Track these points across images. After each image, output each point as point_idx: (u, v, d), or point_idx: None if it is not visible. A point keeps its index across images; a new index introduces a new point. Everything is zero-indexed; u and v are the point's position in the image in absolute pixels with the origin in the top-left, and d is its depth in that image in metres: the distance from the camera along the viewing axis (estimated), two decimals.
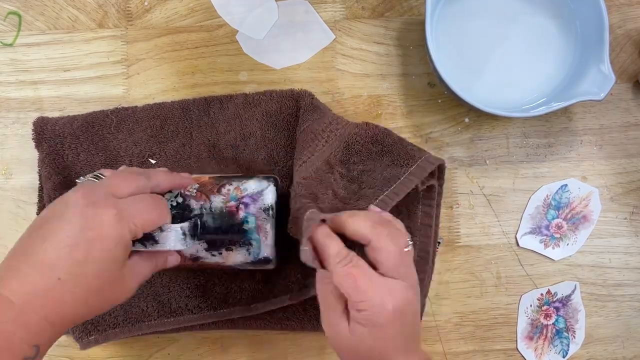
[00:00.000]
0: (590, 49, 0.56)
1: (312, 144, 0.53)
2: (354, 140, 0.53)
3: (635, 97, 0.60)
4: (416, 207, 0.55)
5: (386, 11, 0.60)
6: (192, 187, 0.48)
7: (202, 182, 0.49)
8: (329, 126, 0.54)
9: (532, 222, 0.58)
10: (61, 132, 0.55)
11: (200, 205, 0.48)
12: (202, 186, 0.49)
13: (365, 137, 0.53)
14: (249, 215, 0.48)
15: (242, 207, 0.48)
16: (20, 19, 0.60)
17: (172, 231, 0.43)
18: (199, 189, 0.48)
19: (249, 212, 0.48)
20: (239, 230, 0.48)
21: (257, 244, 0.48)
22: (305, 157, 0.53)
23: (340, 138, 0.53)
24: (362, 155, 0.53)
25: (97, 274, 0.39)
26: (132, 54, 0.60)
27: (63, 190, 0.54)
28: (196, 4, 0.60)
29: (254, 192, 0.48)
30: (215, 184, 0.49)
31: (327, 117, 0.55)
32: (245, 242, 0.48)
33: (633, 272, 0.58)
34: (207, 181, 0.49)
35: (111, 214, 0.39)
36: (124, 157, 0.56)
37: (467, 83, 0.57)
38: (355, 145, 0.53)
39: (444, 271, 0.58)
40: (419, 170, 0.51)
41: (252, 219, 0.48)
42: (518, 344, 0.58)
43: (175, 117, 0.56)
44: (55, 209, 0.40)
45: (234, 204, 0.48)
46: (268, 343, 0.57)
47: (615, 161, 0.59)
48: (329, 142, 0.53)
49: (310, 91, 0.56)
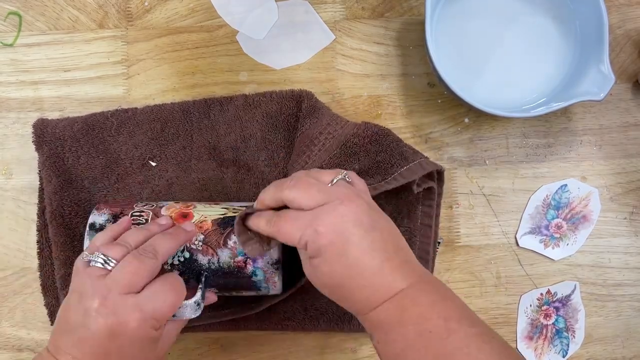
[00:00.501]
0: (590, 49, 0.56)
1: (307, 150, 0.53)
2: (352, 142, 0.53)
3: (634, 98, 0.60)
4: (416, 208, 0.55)
5: (386, 11, 0.60)
6: (197, 238, 0.47)
7: (206, 231, 0.48)
8: (327, 128, 0.54)
9: (532, 222, 0.58)
10: (61, 134, 0.55)
11: (207, 259, 0.48)
12: (207, 237, 0.48)
13: (364, 137, 0.53)
14: (257, 269, 0.48)
15: (250, 262, 0.48)
16: (21, 19, 0.60)
17: (188, 306, 0.45)
18: (204, 242, 0.47)
19: (257, 267, 0.48)
20: (248, 282, 0.49)
21: (265, 290, 0.50)
22: (299, 165, 0.53)
23: (338, 140, 0.53)
24: (360, 155, 0.53)
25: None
26: (133, 54, 0.60)
27: (64, 193, 0.54)
28: (196, 4, 0.60)
29: None
30: (220, 233, 0.48)
31: (325, 119, 0.55)
32: (254, 288, 0.49)
33: (633, 272, 0.58)
34: (210, 229, 0.48)
35: (135, 320, 0.40)
36: (124, 160, 0.56)
37: (467, 83, 0.57)
38: (353, 147, 0.53)
39: (444, 271, 0.58)
40: (408, 173, 0.51)
41: (260, 272, 0.48)
42: (518, 343, 0.58)
43: (176, 119, 0.56)
44: (76, 313, 0.41)
45: (242, 259, 0.48)
46: (268, 343, 0.57)
47: (615, 161, 0.59)
48: (326, 147, 0.53)
49: (310, 91, 0.56)
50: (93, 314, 0.40)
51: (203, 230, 0.48)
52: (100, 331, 0.40)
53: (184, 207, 0.50)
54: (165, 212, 0.49)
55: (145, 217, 0.48)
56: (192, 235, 0.47)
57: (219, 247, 0.47)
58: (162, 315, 0.42)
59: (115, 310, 0.40)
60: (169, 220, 0.48)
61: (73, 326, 0.40)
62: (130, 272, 0.41)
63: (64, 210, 0.54)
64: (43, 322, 0.57)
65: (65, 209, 0.54)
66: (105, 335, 0.40)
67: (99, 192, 0.55)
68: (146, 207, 0.49)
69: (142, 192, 0.56)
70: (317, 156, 0.53)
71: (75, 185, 0.55)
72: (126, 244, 0.43)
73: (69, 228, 0.54)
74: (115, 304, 0.40)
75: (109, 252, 0.42)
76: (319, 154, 0.53)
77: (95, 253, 0.42)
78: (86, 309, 0.40)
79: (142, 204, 0.50)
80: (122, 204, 0.51)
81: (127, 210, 0.49)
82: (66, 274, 0.53)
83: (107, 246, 0.43)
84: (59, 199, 0.54)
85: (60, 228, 0.54)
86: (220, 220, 0.48)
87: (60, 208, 0.54)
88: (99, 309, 0.40)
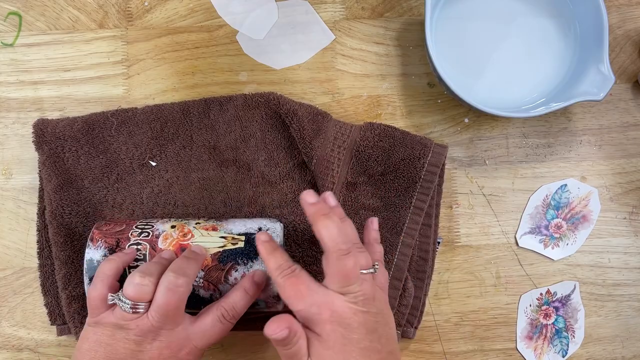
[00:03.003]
0: (589, 49, 0.56)
1: (328, 172, 0.54)
2: (364, 145, 0.54)
3: (634, 98, 0.60)
4: None
5: (386, 11, 0.60)
6: (198, 275, 0.47)
7: (206, 267, 0.47)
8: (335, 142, 0.55)
9: (532, 222, 0.58)
10: (61, 134, 0.55)
11: (210, 294, 0.48)
12: (207, 274, 0.47)
13: (372, 138, 0.55)
14: (259, 300, 0.49)
15: None
16: (21, 19, 0.60)
17: None
18: (205, 278, 0.47)
19: (258, 299, 0.49)
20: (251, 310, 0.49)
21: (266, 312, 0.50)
22: (328, 189, 0.54)
23: (350, 150, 0.55)
24: (377, 157, 0.54)
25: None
26: (133, 54, 0.60)
27: (64, 193, 0.54)
28: (196, 4, 0.60)
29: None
30: (221, 269, 0.48)
31: (330, 133, 0.55)
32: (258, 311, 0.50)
33: (632, 272, 0.58)
34: (210, 266, 0.48)
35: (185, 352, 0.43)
36: (124, 160, 0.56)
37: (467, 83, 0.57)
38: (367, 150, 0.54)
39: (444, 271, 0.58)
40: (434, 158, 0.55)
41: (263, 302, 0.49)
42: (517, 343, 0.58)
43: (176, 119, 0.56)
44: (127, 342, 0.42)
45: None
46: (268, 343, 0.57)
47: (615, 161, 0.59)
48: (342, 160, 0.55)
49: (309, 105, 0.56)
50: (147, 346, 0.41)
51: (203, 267, 0.48)
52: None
53: (181, 236, 0.49)
54: (163, 245, 0.48)
55: (143, 252, 0.48)
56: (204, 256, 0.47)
57: (220, 283, 0.48)
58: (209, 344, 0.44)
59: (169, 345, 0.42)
60: (172, 255, 0.48)
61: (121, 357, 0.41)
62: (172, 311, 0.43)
63: (64, 210, 0.54)
64: (43, 322, 0.57)
65: (65, 209, 0.54)
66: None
67: (99, 191, 0.55)
68: (142, 238, 0.49)
69: (142, 192, 0.56)
70: (339, 175, 0.54)
71: (75, 185, 0.55)
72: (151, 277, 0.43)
73: (69, 228, 0.54)
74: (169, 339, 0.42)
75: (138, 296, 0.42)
76: (339, 170, 0.55)
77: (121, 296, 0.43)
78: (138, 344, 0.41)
79: (137, 232, 0.49)
80: (117, 230, 0.50)
81: (123, 242, 0.48)
82: (67, 274, 0.53)
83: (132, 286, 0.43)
84: (59, 198, 0.54)
85: (60, 228, 0.54)
86: (220, 254, 0.48)
87: (60, 208, 0.54)
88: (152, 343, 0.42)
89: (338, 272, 0.41)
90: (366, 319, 0.41)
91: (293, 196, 0.55)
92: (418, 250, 0.55)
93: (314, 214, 0.43)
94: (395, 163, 0.54)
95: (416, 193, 0.54)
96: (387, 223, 0.54)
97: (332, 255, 0.41)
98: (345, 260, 0.41)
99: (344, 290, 0.41)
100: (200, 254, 0.47)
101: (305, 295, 0.41)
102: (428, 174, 0.54)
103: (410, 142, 0.55)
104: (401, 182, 0.54)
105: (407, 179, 0.54)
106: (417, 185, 0.54)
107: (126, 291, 0.43)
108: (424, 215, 0.55)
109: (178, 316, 0.43)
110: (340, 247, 0.41)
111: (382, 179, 0.54)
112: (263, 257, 0.45)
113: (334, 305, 0.41)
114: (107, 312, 0.43)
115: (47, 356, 0.57)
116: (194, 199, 0.56)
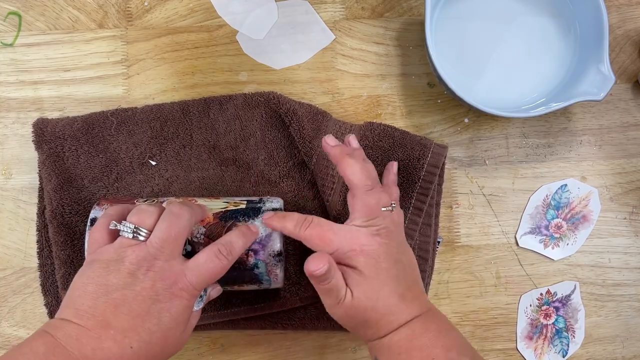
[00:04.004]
0: (589, 49, 0.56)
1: (328, 171, 0.54)
2: (364, 145, 0.54)
3: (634, 98, 0.60)
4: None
5: (386, 11, 0.60)
6: (198, 231, 0.47)
7: (208, 224, 0.48)
8: None
9: (532, 222, 0.58)
10: (61, 134, 0.55)
11: None
12: (208, 230, 0.48)
13: (372, 137, 0.54)
14: (259, 261, 0.48)
15: (252, 254, 0.48)
16: (21, 19, 0.60)
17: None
18: (206, 235, 0.48)
19: (258, 259, 0.48)
20: (250, 275, 0.49)
21: (267, 282, 0.50)
22: (328, 188, 0.54)
23: None
24: (377, 157, 0.54)
25: (165, 339, 0.41)
26: (132, 54, 0.60)
27: (64, 192, 0.54)
28: (196, 4, 0.60)
29: (262, 237, 0.48)
30: (222, 226, 0.48)
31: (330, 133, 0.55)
32: (256, 281, 0.49)
33: (633, 272, 0.58)
34: (212, 222, 0.48)
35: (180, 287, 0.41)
36: (124, 159, 0.56)
37: (467, 83, 0.57)
38: (366, 150, 0.54)
39: (444, 271, 0.58)
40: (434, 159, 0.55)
41: (262, 264, 0.49)
42: (518, 343, 0.58)
43: (176, 118, 0.56)
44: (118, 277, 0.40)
45: (244, 252, 0.48)
46: (268, 343, 0.57)
47: (615, 161, 0.59)
48: None
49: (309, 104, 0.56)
50: (140, 276, 0.40)
51: (205, 224, 0.48)
52: (145, 291, 0.40)
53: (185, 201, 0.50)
54: None
55: None
56: (205, 210, 0.47)
57: None
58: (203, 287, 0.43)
59: (163, 276, 0.41)
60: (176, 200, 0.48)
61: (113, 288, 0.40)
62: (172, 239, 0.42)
63: (64, 209, 0.54)
64: (43, 322, 0.57)
65: (65, 208, 0.54)
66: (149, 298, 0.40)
67: (99, 191, 0.55)
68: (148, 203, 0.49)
69: (142, 191, 0.56)
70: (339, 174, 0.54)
71: (75, 184, 0.55)
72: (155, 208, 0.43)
73: (69, 227, 0.54)
74: (164, 269, 0.41)
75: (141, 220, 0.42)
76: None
77: (124, 222, 0.42)
78: (131, 273, 0.40)
79: (142, 200, 0.50)
80: (123, 200, 0.51)
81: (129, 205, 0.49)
82: (67, 273, 0.53)
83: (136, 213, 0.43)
84: (59, 198, 0.54)
85: (60, 227, 0.54)
86: (222, 213, 0.49)
87: (60, 207, 0.54)
88: (146, 273, 0.40)
89: (363, 205, 0.45)
90: (390, 249, 0.45)
91: (293, 195, 0.55)
92: (418, 250, 0.55)
93: (338, 154, 0.47)
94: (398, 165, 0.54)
95: (415, 193, 0.54)
96: None
97: (358, 190, 0.46)
98: (371, 194, 0.46)
99: (368, 223, 0.45)
100: (203, 207, 0.47)
101: (333, 238, 0.44)
102: (427, 174, 0.54)
103: (410, 142, 0.55)
104: (400, 183, 0.54)
105: (407, 179, 0.54)
106: (416, 186, 0.54)
107: (130, 217, 0.43)
108: (424, 215, 0.55)
109: (176, 248, 0.42)
110: (365, 182, 0.46)
111: (381, 179, 0.54)
112: (277, 226, 0.46)
113: (361, 239, 0.44)
114: (106, 247, 0.42)
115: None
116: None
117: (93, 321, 0.39)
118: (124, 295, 0.39)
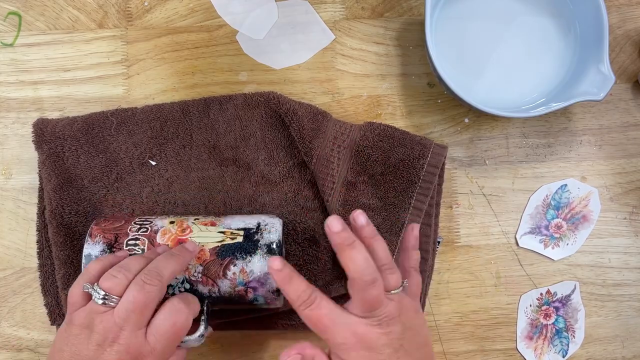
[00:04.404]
0: (589, 49, 0.56)
1: (328, 171, 0.54)
2: (364, 145, 0.54)
3: (634, 97, 0.60)
4: None
5: (386, 11, 0.60)
6: (196, 270, 0.47)
7: (204, 262, 0.48)
8: (335, 142, 0.55)
9: (532, 222, 0.58)
10: (61, 134, 0.55)
11: (208, 289, 0.48)
12: (205, 269, 0.47)
13: (372, 137, 0.54)
14: (258, 296, 0.49)
15: (251, 291, 0.48)
16: (21, 19, 0.60)
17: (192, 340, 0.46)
18: (203, 273, 0.47)
19: (257, 294, 0.48)
20: (250, 307, 0.49)
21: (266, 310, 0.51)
22: (328, 188, 0.54)
23: (350, 149, 0.54)
24: (377, 157, 0.54)
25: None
26: (132, 54, 0.60)
27: (63, 192, 0.54)
28: (196, 4, 0.60)
29: (260, 276, 0.48)
30: (219, 264, 0.47)
31: (330, 132, 0.55)
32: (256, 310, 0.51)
33: (633, 272, 0.58)
34: (208, 260, 0.48)
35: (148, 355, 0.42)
36: (124, 159, 0.56)
37: (467, 83, 0.57)
38: (366, 150, 0.54)
39: (444, 271, 0.58)
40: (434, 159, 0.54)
41: (262, 298, 0.49)
42: (518, 343, 0.58)
43: (175, 118, 0.56)
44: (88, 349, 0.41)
45: (242, 288, 0.48)
46: (268, 343, 0.57)
47: (615, 161, 0.59)
48: (342, 159, 0.54)
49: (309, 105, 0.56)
50: (107, 348, 0.40)
51: (202, 261, 0.48)
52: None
53: (179, 231, 0.49)
54: (162, 240, 0.48)
55: (142, 247, 0.48)
56: (195, 253, 0.47)
57: (218, 278, 0.48)
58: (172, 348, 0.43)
59: (128, 348, 0.41)
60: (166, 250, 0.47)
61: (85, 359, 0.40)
62: (138, 310, 0.41)
63: (64, 210, 0.54)
64: (43, 322, 0.57)
65: (65, 208, 0.54)
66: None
67: (99, 191, 0.55)
68: (141, 233, 0.49)
69: (141, 191, 0.56)
70: (339, 174, 0.54)
71: (75, 184, 0.55)
72: (127, 273, 0.43)
73: (69, 227, 0.54)
74: (129, 341, 0.41)
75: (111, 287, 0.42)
76: (338, 170, 0.54)
77: (96, 287, 0.42)
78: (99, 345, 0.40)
79: (136, 228, 0.49)
80: (116, 226, 0.50)
81: (121, 237, 0.48)
82: (67, 274, 0.53)
83: (108, 278, 0.42)
84: (59, 198, 0.54)
85: (60, 227, 0.54)
86: (218, 249, 0.48)
87: (60, 207, 0.54)
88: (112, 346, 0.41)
89: (362, 300, 0.43)
90: (391, 339, 0.42)
91: (293, 195, 0.55)
92: None
93: (339, 244, 0.44)
94: (394, 163, 0.54)
95: (415, 194, 0.54)
96: (386, 223, 0.54)
97: (356, 285, 0.43)
98: (370, 290, 0.42)
99: (366, 315, 0.43)
100: (190, 251, 0.47)
101: (329, 326, 0.43)
102: (427, 174, 0.54)
103: (410, 142, 0.55)
104: (400, 183, 0.54)
105: (407, 180, 0.54)
106: (416, 186, 0.54)
107: (101, 281, 0.42)
108: (424, 215, 0.55)
109: (141, 318, 0.42)
110: (365, 278, 0.42)
111: (381, 179, 0.54)
112: (281, 286, 0.44)
113: (357, 331, 0.42)
114: (80, 310, 0.42)
115: (47, 356, 0.57)
116: (194, 198, 0.56)
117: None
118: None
